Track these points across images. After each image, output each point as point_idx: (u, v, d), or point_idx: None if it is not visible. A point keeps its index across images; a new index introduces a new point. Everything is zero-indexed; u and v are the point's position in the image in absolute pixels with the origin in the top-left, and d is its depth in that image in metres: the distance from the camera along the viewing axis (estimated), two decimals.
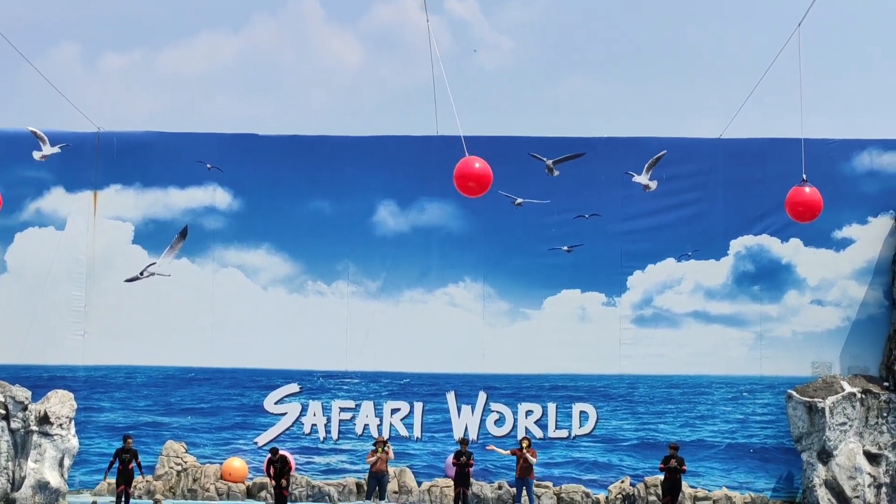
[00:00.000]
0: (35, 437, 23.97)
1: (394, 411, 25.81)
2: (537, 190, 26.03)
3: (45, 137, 26.26)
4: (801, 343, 25.53)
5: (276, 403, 25.86)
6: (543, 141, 26.20)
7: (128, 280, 26.13)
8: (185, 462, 25.33)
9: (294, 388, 25.91)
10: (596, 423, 25.63)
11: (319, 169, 26.28)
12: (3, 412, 24.14)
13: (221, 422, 25.85)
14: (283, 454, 23.22)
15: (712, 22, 41.29)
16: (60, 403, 24.39)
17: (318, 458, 25.58)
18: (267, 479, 23.42)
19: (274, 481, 22.55)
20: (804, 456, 24.21)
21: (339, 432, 25.76)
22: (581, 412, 25.69)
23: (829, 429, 23.78)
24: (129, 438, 23.38)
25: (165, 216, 26.34)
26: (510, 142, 26.21)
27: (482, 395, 25.77)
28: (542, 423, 25.65)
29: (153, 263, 26.15)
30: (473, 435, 25.51)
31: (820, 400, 23.94)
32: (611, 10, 41.03)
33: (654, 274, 25.89)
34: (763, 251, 25.79)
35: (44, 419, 24.00)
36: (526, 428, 25.53)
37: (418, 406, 25.82)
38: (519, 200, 26.01)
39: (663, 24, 40.03)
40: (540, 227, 25.99)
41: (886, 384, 24.56)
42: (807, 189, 20.31)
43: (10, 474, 24.08)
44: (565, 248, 25.91)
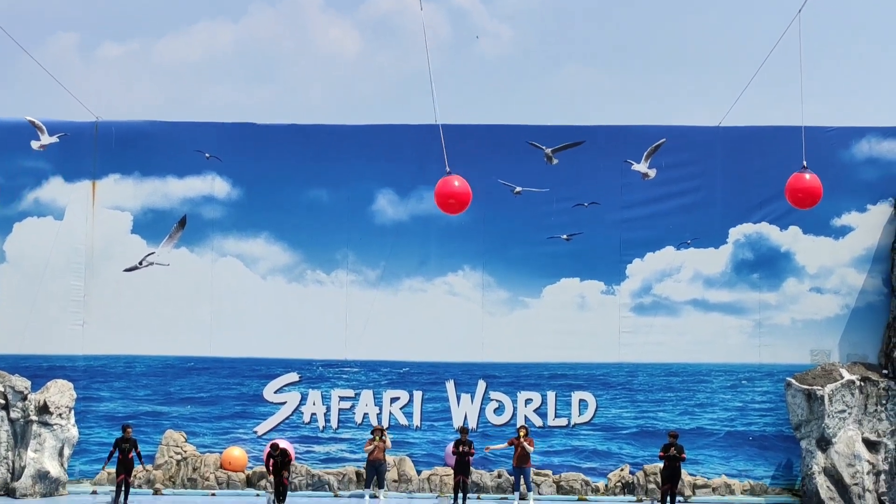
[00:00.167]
0: (35, 426, 24.00)
1: (393, 400, 25.82)
2: (536, 178, 26.00)
3: (44, 127, 26.22)
4: (800, 331, 25.54)
5: (275, 392, 25.88)
6: (542, 129, 26.16)
7: (127, 270, 26.12)
8: (185, 451, 25.36)
9: (293, 377, 25.93)
10: (595, 411, 25.66)
11: (318, 158, 26.25)
12: (3, 402, 24.17)
13: (221, 411, 25.87)
14: (284, 447, 23.24)
15: (712, 9, 41.25)
16: (60, 393, 24.43)
17: (317, 447, 25.61)
18: (265, 461, 23.43)
19: (274, 475, 22.57)
20: (803, 443, 24.24)
21: (339, 421, 25.78)
22: (580, 400, 25.71)
23: (828, 416, 23.81)
24: (128, 428, 23.43)
25: (164, 205, 26.32)
26: (509, 130, 26.20)
27: (481, 384, 25.78)
28: (541, 412, 25.67)
29: (152, 253, 26.14)
30: (473, 423, 25.53)
31: (819, 388, 23.96)
32: None
33: (654, 262, 25.88)
34: (762, 239, 25.78)
35: (43, 409, 24.03)
36: (525, 416, 25.55)
37: (418, 395, 25.84)
38: (518, 189, 25.99)
39: (662, 12, 40.00)
40: (539, 215, 25.97)
41: (885, 372, 24.57)
42: (807, 176, 20.33)
43: (10, 464, 24.12)
44: (564, 236, 25.90)
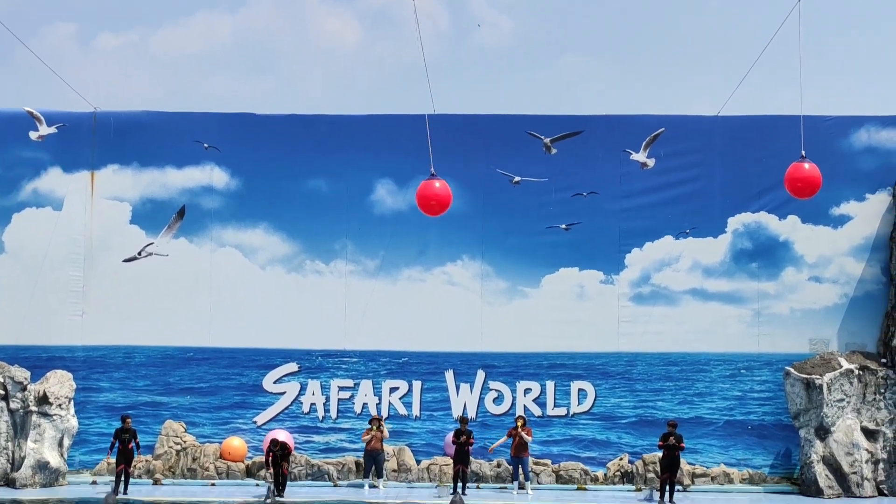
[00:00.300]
0: (34, 417, 24.03)
1: (392, 390, 25.84)
2: (535, 168, 25.99)
3: (42, 118, 26.19)
4: (798, 320, 25.55)
5: (274, 383, 25.89)
6: (541, 119, 26.14)
7: (126, 260, 26.11)
8: (185, 441, 25.38)
9: (293, 367, 25.94)
10: (594, 400, 25.68)
11: (317, 148, 26.23)
12: (3, 392, 24.20)
13: (220, 401, 25.88)
14: (283, 441, 23.27)
15: None
16: (59, 384, 24.46)
17: (317, 437, 25.63)
18: (265, 457, 23.47)
19: (273, 469, 22.60)
20: (802, 432, 24.28)
21: (338, 411, 25.81)
22: (579, 390, 25.73)
23: (827, 405, 23.84)
24: (127, 419, 23.48)
25: (163, 196, 26.30)
26: (508, 120, 26.18)
27: (481, 374, 25.80)
28: (540, 401, 25.69)
29: (151, 243, 26.14)
30: (472, 413, 25.55)
31: (818, 377, 23.99)
32: None
33: (652, 252, 25.88)
34: (761, 228, 25.78)
35: (43, 399, 24.06)
36: (525, 406, 25.58)
37: (417, 385, 25.86)
38: (517, 179, 25.98)
39: (661, 1, 39.90)
40: (538, 205, 25.97)
41: (884, 360, 24.60)
42: (806, 165, 20.33)
43: (10, 454, 24.15)
44: (563, 226, 25.90)
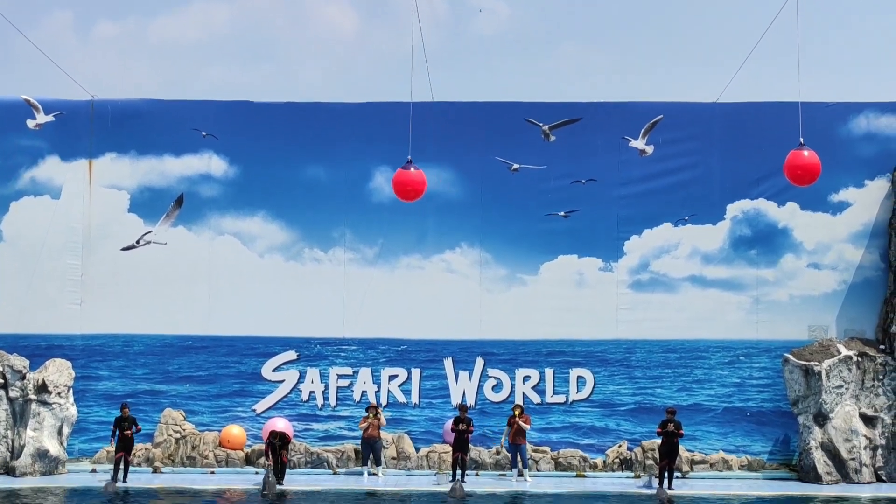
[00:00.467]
0: (34, 405, 24.05)
1: (391, 378, 25.86)
2: (534, 155, 25.97)
3: (39, 106, 26.15)
4: (797, 307, 25.57)
5: (273, 371, 25.91)
6: (540, 106, 26.11)
7: (124, 248, 26.10)
8: (184, 429, 25.40)
9: (292, 355, 25.96)
10: (593, 388, 25.70)
11: (315, 136, 26.20)
12: (2, 381, 24.21)
13: (219, 389, 25.90)
14: (282, 431, 23.29)
15: None
16: (58, 372, 24.46)
17: (316, 425, 25.65)
18: (265, 449, 23.50)
19: (271, 459, 22.61)
20: (800, 419, 24.31)
21: (337, 399, 25.83)
22: (578, 377, 25.75)
23: (826, 392, 23.87)
24: (125, 407, 23.51)
25: (161, 184, 26.28)
26: (506, 107, 26.15)
27: (479, 361, 25.82)
28: (539, 389, 25.72)
29: (149, 232, 26.12)
30: (471, 401, 25.58)
31: (816, 363, 24.01)
32: None
33: (651, 239, 25.88)
34: (760, 215, 25.77)
35: (42, 388, 24.07)
36: (524, 393, 25.60)
37: (416, 372, 25.87)
38: (515, 166, 25.96)
39: None
40: (536, 192, 25.95)
41: (882, 347, 24.62)
42: (805, 152, 20.30)
43: (10, 443, 24.18)
44: (562, 213, 25.89)
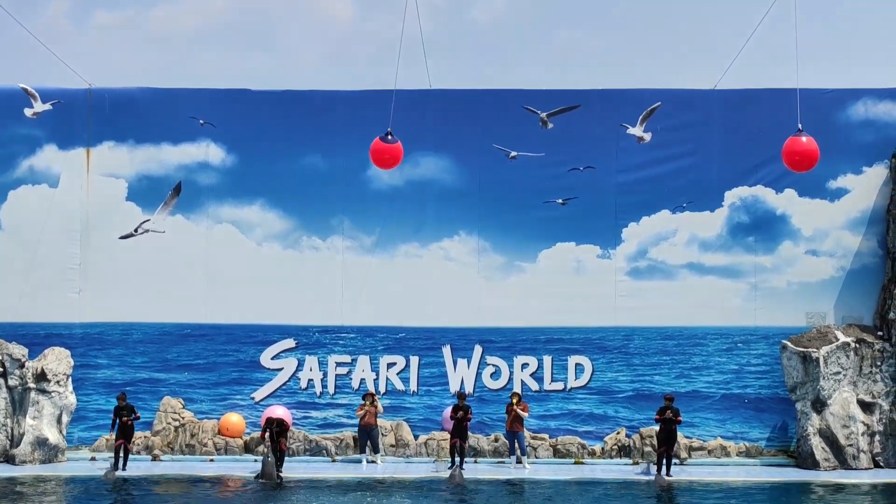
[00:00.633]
0: (33, 394, 24.08)
1: (390, 365, 25.89)
2: (531, 143, 25.95)
3: (37, 94, 26.11)
4: (795, 293, 25.59)
5: (272, 359, 25.93)
6: (537, 94, 26.08)
7: (122, 237, 26.09)
8: (183, 418, 25.44)
9: (290, 343, 25.98)
10: (591, 375, 25.74)
11: (313, 123, 26.17)
12: (1, 370, 24.25)
13: (218, 377, 25.93)
14: (279, 417, 23.31)
15: None
16: (57, 360, 24.50)
17: (314, 413, 25.69)
18: (261, 435, 23.56)
19: (271, 442, 22.63)
20: (798, 405, 24.35)
21: (336, 387, 25.86)
22: (576, 364, 25.78)
23: (824, 378, 23.90)
24: (123, 397, 23.55)
25: (159, 172, 26.25)
26: (504, 95, 26.13)
27: (478, 349, 25.84)
28: (537, 376, 25.75)
29: (147, 220, 26.11)
30: (470, 388, 25.61)
31: (814, 350, 24.04)
32: None
33: (649, 226, 25.88)
34: (758, 202, 25.77)
35: (41, 376, 24.10)
36: (522, 381, 25.63)
37: (414, 360, 25.90)
38: (513, 154, 25.94)
39: None
40: (534, 180, 25.93)
41: (880, 333, 24.66)
42: (804, 138, 20.27)
43: (9, 431, 24.22)
44: (560, 200, 25.88)
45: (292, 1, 42.33)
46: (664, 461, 23.03)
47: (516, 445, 24.00)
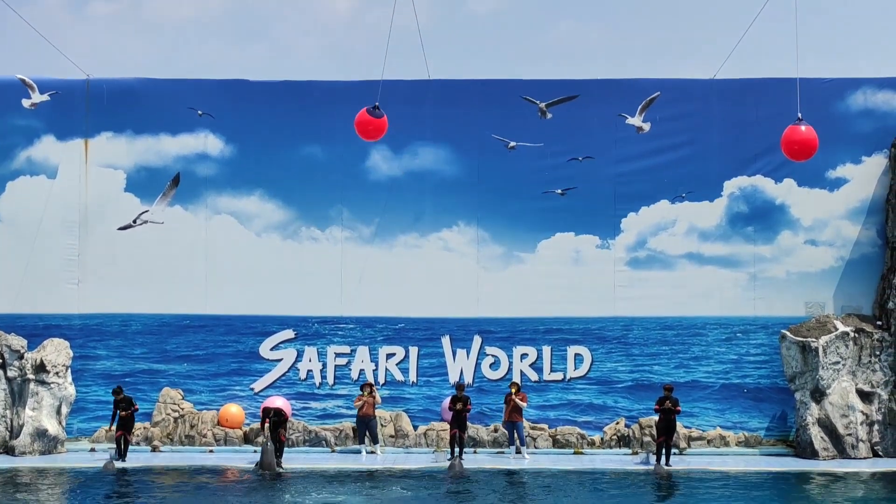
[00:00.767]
0: (32, 385, 24.09)
1: (389, 356, 25.89)
2: (530, 133, 25.92)
3: (35, 85, 26.05)
4: (794, 283, 25.59)
5: (271, 349, 25.93)
6: (536, 84, 26.04)
7: (121, 228, 26.07)
8: (182, 409, 25.45)
9: (289, 334, 25.98)
10: (591, 365, 25.75)
11: (312, 114, 26.14)
12: (0, 361, 24.22)
13: (217, 368, 25.94)
14: (278, 407, 23.31)
15: None
16: (56, 352, 24.50)
17: (314, 404, 25.71)
18: (261, 425, 23.57)
19: (270, 433, 22.62)
20: (797, 395, 24.37)
21: (335, 377, 25.87)
22: (576, 355, 25.79)
23: (823, 368, 23.91)
24: (118, 390, 23.55)
25: (157, 163, 26.22)
26: (502, 85, 26.09)
27: (477, 339, 25.84)
28: (537, 366, 25.76)
29: (146, 211, 26.09)
30: (469, 379, 25.62)
31: (813, 339, 24.05)
32: None
33: (648, 216, 25.87)
34: (757, 192, 25.75)
35: (40, 367, 24.10)
36: (521, 371, 25.64)
37: (413, 351, 25.91)
38: (512, 144, 25.92)
39: None
40: (533, 170, 25.91)
41: (879, 323, 24.66)
42: (802, 128, 20.24)
43: (9, 422, 24.24)
44: (559, 191, 25.86)
45: None
46: (663, 451, 23.05)
47: (515, 436, 24.02)
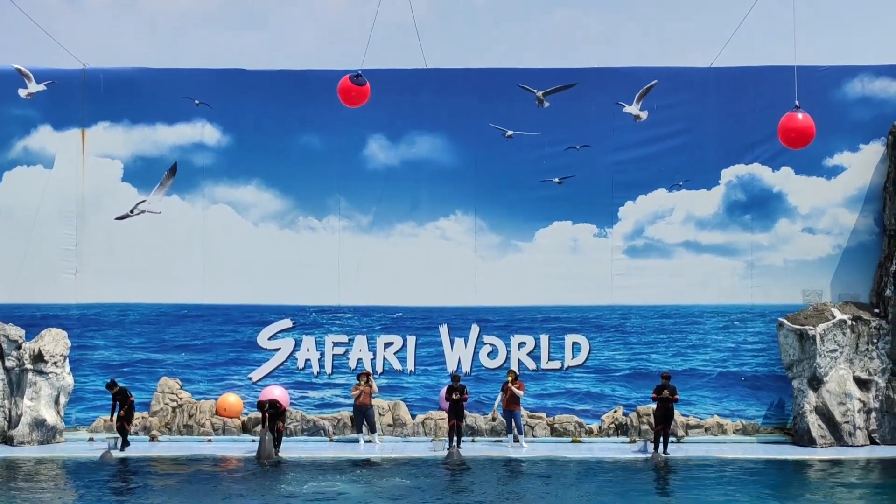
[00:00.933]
0: (30, 375, 24.09)
1: (387, 345, 25.91)
2: (528, 122, 25.90)
3: (31, 75, 26.01)
4: (792, 271, 25.61)
5: (269, 339, 25.94)
6: (533, 72, 26.02)
7: (118, 218, 26.05)
8: (180, 398, 25.46)
9: (287, 323, 25.98)
10: (588, 353, 25.77)
11: (309, 104, 26.10)
12: None
13: (215, 358, 25.95)
14: (273, 399, 23.31)
15: None
16: (54, 342, 24.50)
17: (312, 393, 25.73)
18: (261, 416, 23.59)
19: (269, 425, 22.62)
20: (795, 383, 24.40)
21: (333, 367, 25.89)
22: (573, 343, 25.81)
23: (820, 356, 23.94)
24: (111, 384, 23.56)
25: (154, 153, 26.20)
26: (500, 74, 26.06)
27: (475, 328, 25.86)
28: (534, 355, 25.78)
29: (143, 201, 26.07)
30: (467, 367, 25.65)
31: (811, 327, 24.07)
32: None
33: (646, 204, 25.87)
34: (754, 180, 25.75)
35: (38, 357, 24.11)
36: (519, 360, 25.66)
37: (411, 340, 25.92)
38: (509, 132, 25.90)
39: None
40: (531, 159, 25.90)
41: (876, 311, 24.68)
42: (799, 115, 20.22)
43: (7, 412, 24.25)
44: (556, 179, 25.85)
45: None
46: (661, 439, 23.08)
47: (513, 424, 24.05)
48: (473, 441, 24.65)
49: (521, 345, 25.81)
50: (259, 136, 26.11)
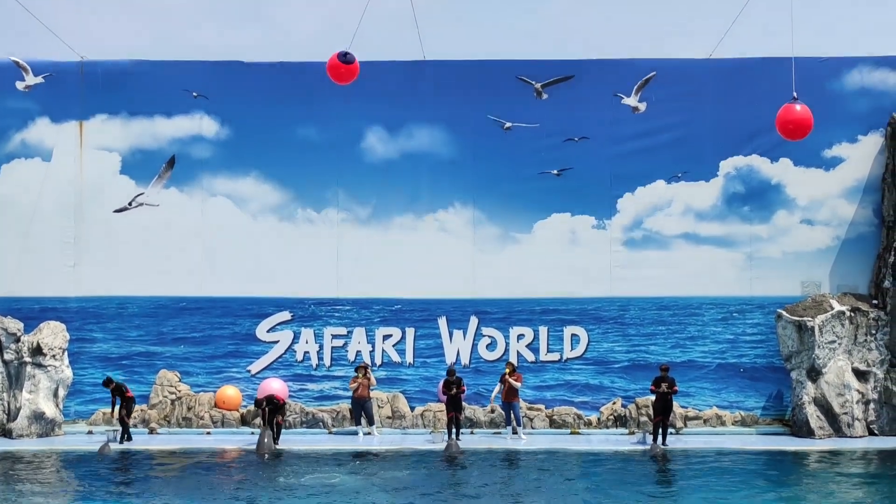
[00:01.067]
0: (29, 368, 24.09)
1: (385, 337, 25.91)
2: (526, 114, 25.89)
3: (28, 67, 25.98)
4: (790, 263, 25.61)
5: (268, 331, 25.94)
6: (532, 64, 26.00)
7: (117, 210, 26.05)
8: (179, 391, 25.47)
9: (286, 315, 25.99)
10: (587, 345, 25.78)
11: (307, 96, 26.06)
12: None
13: (214, 350, 25.96)
14: (269, 395, 23.28)
15: None
16: (53, 335, 24.49)
17: (311, 385, 25.74)
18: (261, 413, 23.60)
19: (269, 420, 22.61)
20: (793, 374, 24.41)
21: (332, 359, 25.90)
22: (572, 335, 25.81)
23: (819, 347, 23.95)
24: (108, 381, 23.56)
25: (152, 146, 26.18)
26: (498, 65, 26.04)
27: (474, 320, 25.86)
28: (533, 347, 25.79)
29: (141, 193, 26.05)
30: (466, 360, 25.65)
31: (809, 319, 24.08)
32: None
33: (644, 196, 25.87)
34: (753, 172, 25.74)
35: (37, 350, 24.10)
36: (518, 352, 25.67)
37: (410, 332, 25.93)
38: (508, 124, 25.87)
39: None
40: (529, 150, 25.89)
41: (875, 302, 24.69)
42: (797, 107, 20.17)
43: (6, 405, 24.25)
44: (555, 171, 25.83)
45: None
46: (660, 431, 23.08)
47: (512, 416, 24.06)
48: (472, 433, 24.66)
49: (520, 337, 25.81)
50: (257, 129, 26.08)
